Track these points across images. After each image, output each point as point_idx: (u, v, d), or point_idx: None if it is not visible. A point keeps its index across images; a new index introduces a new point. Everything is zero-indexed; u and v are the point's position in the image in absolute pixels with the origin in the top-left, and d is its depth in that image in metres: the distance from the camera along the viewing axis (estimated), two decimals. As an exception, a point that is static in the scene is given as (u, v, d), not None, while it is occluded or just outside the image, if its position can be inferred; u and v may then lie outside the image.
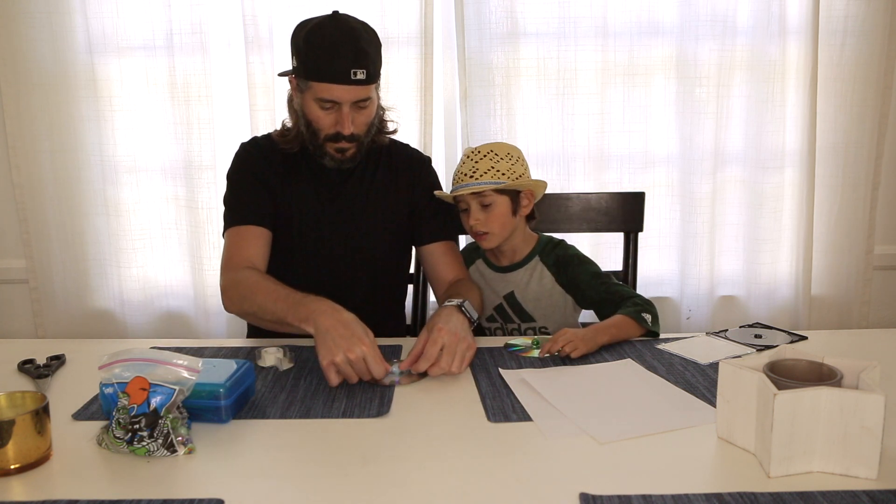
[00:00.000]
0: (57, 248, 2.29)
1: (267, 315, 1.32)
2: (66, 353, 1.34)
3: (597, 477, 0.87)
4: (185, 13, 2.15)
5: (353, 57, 1.38)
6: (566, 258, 1.59)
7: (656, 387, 1.16)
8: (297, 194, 1.54)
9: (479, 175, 1.51)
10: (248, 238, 1.49)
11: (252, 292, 1.36)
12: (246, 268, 1.43)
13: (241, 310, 1.41)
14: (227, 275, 1.45)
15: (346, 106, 1.41)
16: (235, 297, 1.41)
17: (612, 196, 1.89)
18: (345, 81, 1.38)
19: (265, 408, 1.10)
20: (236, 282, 1.41)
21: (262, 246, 1.50)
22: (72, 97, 2.20)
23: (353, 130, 1.44)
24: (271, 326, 1.35)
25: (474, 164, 1.52)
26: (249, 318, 1.45)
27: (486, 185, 1.50)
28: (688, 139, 2.25)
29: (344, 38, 1.38)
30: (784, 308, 2.35)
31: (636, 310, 1.41)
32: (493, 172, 1.51)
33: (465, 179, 1.53)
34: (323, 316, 1.20)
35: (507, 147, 1.56)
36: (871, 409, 0.84)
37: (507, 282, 1.62)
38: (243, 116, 2.21)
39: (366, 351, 1.15)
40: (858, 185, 2.28)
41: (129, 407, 0.95)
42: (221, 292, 1.44)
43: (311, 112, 1.44)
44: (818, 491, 0.83)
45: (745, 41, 2.20)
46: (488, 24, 2.16)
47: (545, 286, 1.60)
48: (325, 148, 1.47)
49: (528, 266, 1.61)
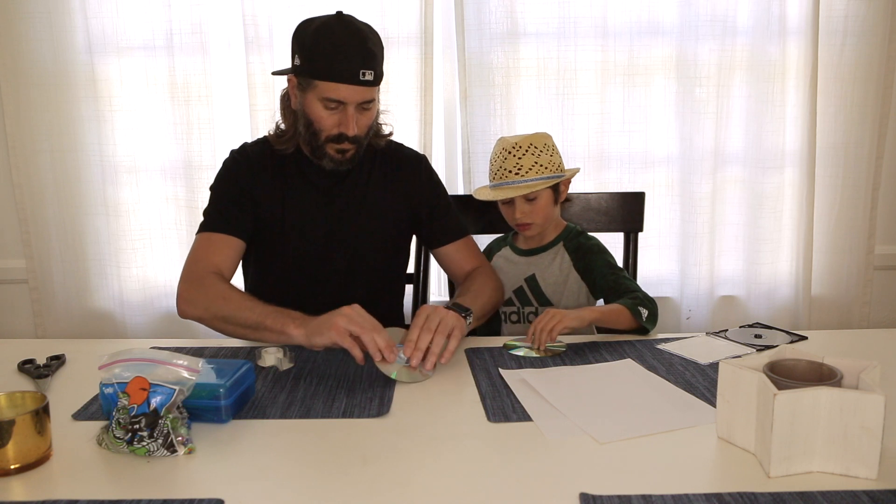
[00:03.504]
0: (57, 248, 2.29)
1: (238, 320, 1.32)
2: (66, 353, 1.34)
3: (597, 477, 0.87)
4: (185, 13, 2.15)
5: (362, 58, 1.38)
6: (587, 246, 1.62)
7: (656, 387, 1.16)
8: (292, 198, 1.52)
9: (525, 172, 1.54)
10: (218, 244, 1.47)
11: (222, 300, 1.36)
12: (211, 273, 1.42)
13: (208, 312, 1.37)
14: (188, 278, 1.42)
15: (352, 107, 1.41)
16: (200, 301, 1.38)
17: (612, 196, 1.89)
18: (353, 82, 1.38)
19: (265, 408, 1.10)
20: (201, 285, 1.39)
21: (230, 256, 1.48)
22: (72, 97, 2.20)
23: (356, 132, 1.43)
24: (237, 333, 1.35)
25: (517, 160, 1.54)
26: (213, 322, 1.39)
27: (537, 183, 1.53)
28: (688, 139, 2.25)
29: (352, 38, 1.38)
30: (784, 308, 2.35)
31: (634, 302, 1.43)
32: (538, 168, 1.54)
33: (511, 177, 1.54)
34: (316, 318, 1.24)
35: (543, 137, 1.59)
36: (871, 409, 0.84)
37: (531, 264, 1.64)
38: (243, 116, 2.21)
39: (377, 328, 1.19)
40: (859, 185, 2.28)
41: (129, 407, 0.95)
42: (178, 295, 1.41)
43: (314, 112, 1.43)
44: (818, 491, 0.83)
45: (745, 41, 2.20)
46: (488, 24, 2.16)
47: (564, 271, 1.62)
48: (325, 149, 1.46)
49: (552, 250, 1.64)
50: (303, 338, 1.24)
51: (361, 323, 1.19)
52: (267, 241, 1.53)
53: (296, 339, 1.26)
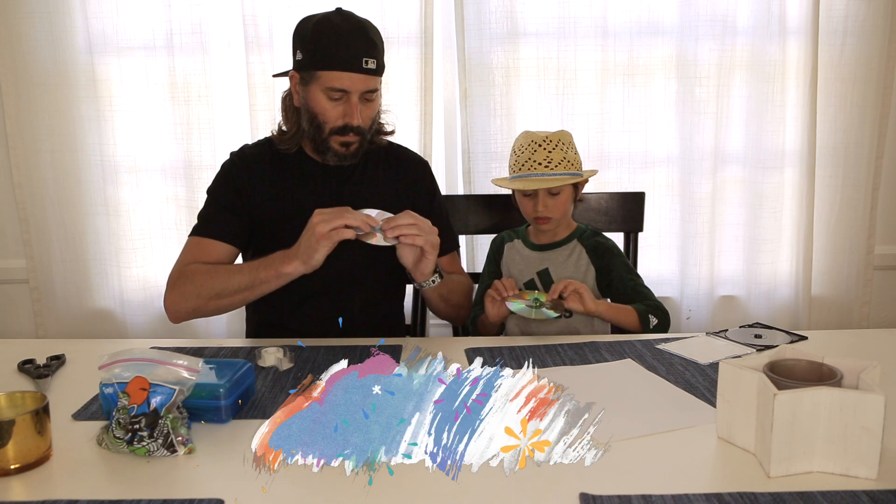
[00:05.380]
0: (57, 248, 2.29)
1: (231, 288, 1.35)
2: (66, 353, 1.34)
3: (597, 477, 0.87)
4: (185, 13, 2.15)
5: (364, 46, 1.40)
6: (606, 246, 1.64)
7: (656, 387, 1.16)
8: (292, 198, 1.52)
9: (554, 166, 1.55)
10: (207, 249, 1.47)
11: (208, 277, 1.38)
12: (189, 265, 1.43)
13: (200, 297, 1.38)
14: (171, 279, 1.44)
15: (356, 96, 1.42)
16: (189, 290, 1.39)
17: (612, 196, 1.89)
18: (356, 70, 1.39)
19: (265, 408, 1.10)
20: (183, 278, 1.41)
21: (220, 261, 1.47)
22: (72, 97, 2.20)
23: (360, 122, 1.44)
24: (236, 302, 1.37)
25: (548, 153, 1.55)
26: (209, 304, 1.40)
27: (565, 178, 1.55)
28: (688, 139, 2.25)
29: (353, 28, 1.41)
30: (784, 308, 2.35)
31: (646, 309, 1.48)
32: (566, 164, 1.56)
33: (540, 169, 1.55)
34: (297, 244, 1.30)
35: (567, 135, 1.61)
36: (871, 409, 0.84)
37: (544, 259, 1.65)
38: (243, 116, 2.21)
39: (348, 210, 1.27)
40: (859, 184, 2.28)
41: (129, 407, 0.94)
42: (166, 299, 1.42)
43: (318, 104, 1.43)
44: (818, 491, 0.83)
45: (745, 41, 2.20)
46: (488, 24, 2.16)
47: (581, 268, 1.63)
48: (329, 142, 1.46)
49: (567, 246, 1.65)
50: (301, 266, 1.29)
51: (335, 215, 1.26)
52: (267, 241, 1.53)
53: (296, 272, 1.31)
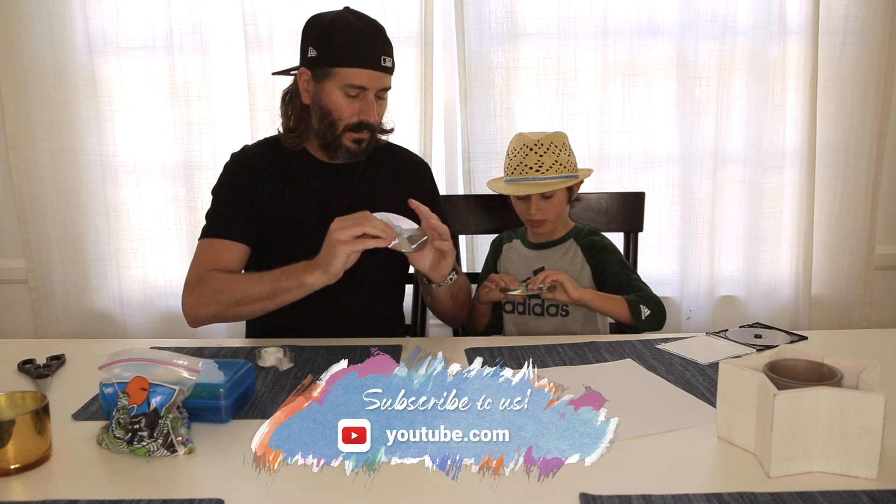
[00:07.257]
0: (57, 248, 2.29)
1: (253, 296, 1.34)
2: (66, 353, 1.34)
3: (597, 477, 0.87)
4: (185, 13, 2.15)
5: (382, 45, 1.42)
6: (601, 244, 1.64)
7: (656, 387, 1.16)
8: (297, 196, 1.53)
9: (546, 169, 1.55)
10: (221, 250, 1.47)
11: (230, 284, 1.38)
12: (209, 271, 1.42)
13: (220, 304, 1.38)
14: (190, 283, 1.43)
15: (372, 93, 1.43)
16: (209, 297, 1.38)
17: (612, 196, 1.89)
18: (375, 67, 1.41)
19: (265, 408, 1.10)
20: (203, 284, 1.40)
21: (234, 261, 1.47)
22: (72, 97, 2.19)
23: (375, 119, 1.45)
24: (256, 310, 1.36)
25: (539, 157, 1.55)
26: (228, 311, 1.40)
27: (556, 182, 1.55)
28: (688, 139, 2.25)
29: (370, 27, 1.43)
30: (784, 308, 2.35)
31: (637, 299, 1.47)
32: (558, 167, 1.56)
33: (531, 173, 1.55)
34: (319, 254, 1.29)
35: (562, 136, 1.61)
36: (871, 409, 0.84)
37: (541, 257, 1.66)
38: (243, 116, 2.21)
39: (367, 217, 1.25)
40: (859, 184, 2.28)
41: (129, 407, 0.94)
42: (185, 303, 1.41)
43: (333, 101, 1.43)
44: (818, 491, 0.83)
45: (745, 41, 2.19)
46: (488, 24, 2.16)
47: (576, 266, 1.63)
48: (342, 139, 1.46)
49: (564, 245, 1.66)
50: (323, 276, 1.27)
51: (354, 222, 1.24)
52: (269, 241, 1.53)
53: (317, 282, 1.29)
